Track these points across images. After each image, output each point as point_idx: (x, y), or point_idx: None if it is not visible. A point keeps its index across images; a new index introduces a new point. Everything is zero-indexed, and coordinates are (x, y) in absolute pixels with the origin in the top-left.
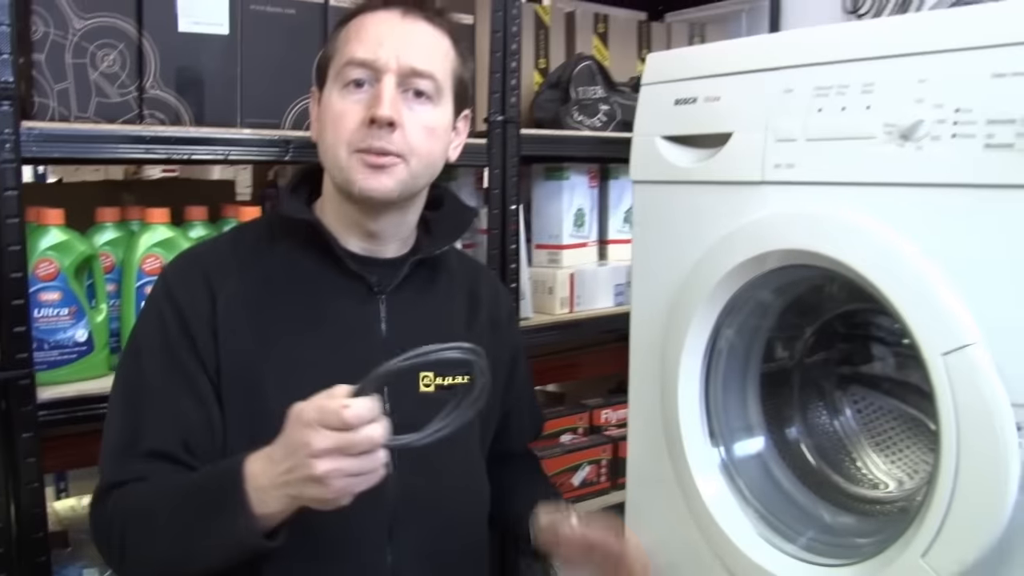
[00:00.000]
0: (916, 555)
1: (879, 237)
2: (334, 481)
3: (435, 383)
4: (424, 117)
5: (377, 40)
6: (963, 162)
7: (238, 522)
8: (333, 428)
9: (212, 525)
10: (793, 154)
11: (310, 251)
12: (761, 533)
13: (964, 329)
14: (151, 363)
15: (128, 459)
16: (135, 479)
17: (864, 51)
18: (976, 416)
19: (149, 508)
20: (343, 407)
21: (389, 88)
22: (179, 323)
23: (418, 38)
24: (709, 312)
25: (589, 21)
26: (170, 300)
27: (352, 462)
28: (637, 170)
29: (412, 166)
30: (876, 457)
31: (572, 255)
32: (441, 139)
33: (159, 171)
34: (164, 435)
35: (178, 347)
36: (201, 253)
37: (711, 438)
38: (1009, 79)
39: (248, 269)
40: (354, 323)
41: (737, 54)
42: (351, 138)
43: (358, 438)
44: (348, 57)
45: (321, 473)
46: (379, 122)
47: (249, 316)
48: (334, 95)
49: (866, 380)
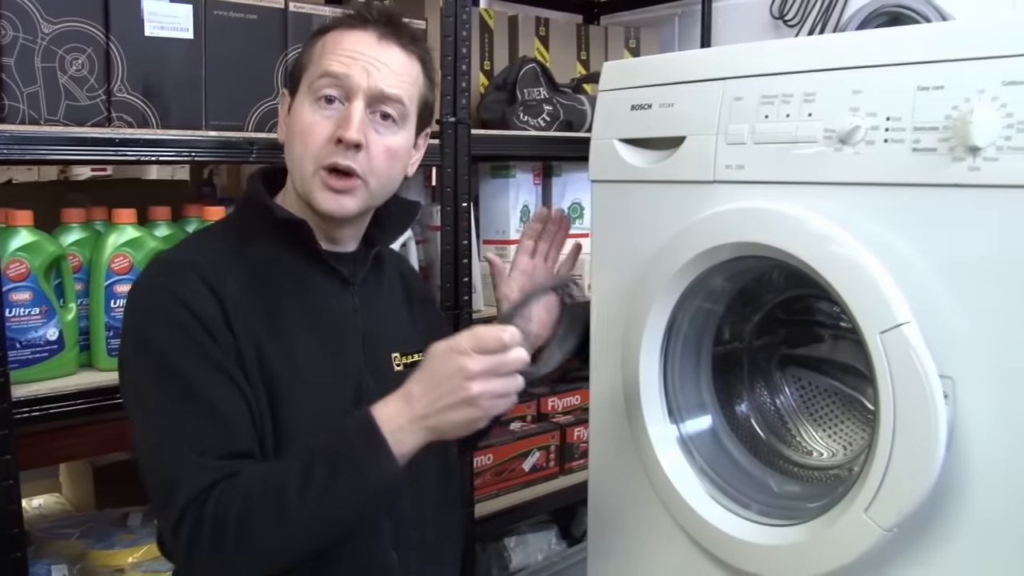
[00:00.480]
0: (860, 510)
1: (821, 230)
2: (485, 401)
3: (403, 362)
4: (388, 140)
5: (352, 59)
6: (894, 164)
7: (385, 467)
8: (489, 352)
9: (355, 478)
10: (742, 156)
11: (287, 248)
12: (717, 500)
13: (898, 310)
14: (194, 371)
15: (209, 463)
16: (226, 476)
17: (806, 64)
18: (910, 386)
19: (274, 486)
20: (503, 331)
21: (358, 110)
22: (200, 326)
23: (391, 63)
24: (666, 300)
25: (531, 24)
26: (183, 305)
27: (501, 383)
28: (596, 170)
29: (372, 187)
30: (815, 431)
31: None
32: (401, 160)
33: (88, 171)
34: (235, 434)
35: (211, 349)
36: (185, 259)
37: (669, 415)
38: (932, 92)
39: (237, 270)
40: (338, 314)
41: (690, 64)
42: (318, 153)
43: (509, 358)
44: (322, 70)
45: (476, 393)
46: (346, 143)
47: (254, 315)
48: (305, 106)
49: (807, 361)
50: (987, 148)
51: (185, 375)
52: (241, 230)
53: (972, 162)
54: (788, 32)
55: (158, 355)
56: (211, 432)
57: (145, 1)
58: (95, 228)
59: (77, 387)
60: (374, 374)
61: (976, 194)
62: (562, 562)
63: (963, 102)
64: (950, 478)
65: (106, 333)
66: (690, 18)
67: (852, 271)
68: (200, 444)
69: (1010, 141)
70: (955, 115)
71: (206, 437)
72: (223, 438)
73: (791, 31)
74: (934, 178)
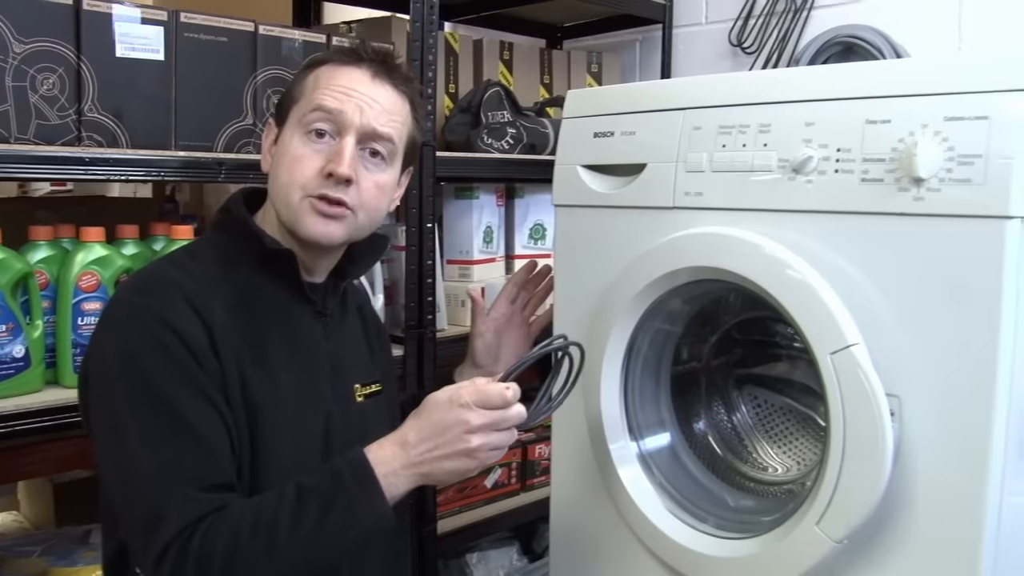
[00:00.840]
0: (812, 523)
1: (775, 255)
2: (482, 453)
3: (363, 393)
4: (377, 177)
5: (345, 95)
6: (844, 193)
7: (377, 509)
8: (491, 407)
9: (347, 518)
10: (701, 183)
11: (269, 276)
12: (675, 514)
13: (848, 332)
14: (179, 396)
15: (196, 495)
16: (214, 510)
17: (762, 97)
18: (859, 404)
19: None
20: (506, 388)
21: (350, 147)
22: (186, 350)
23: (383, 101)
24: (626, 321)
25: (495, 49)
26: (169, 328)
27: (498, 437)
28: (559, 195)
29: (360, 219)
30: (770, 448)
31: (482, 270)
32: (388, 195)
33: (47, 187)
34: (220, 465)
35: (196, 374)
36: (172, 280)
37: (629, 432)
38: (879, 125)
39: (224, 294)
40: (312, 344)
41: (651, 94)
42: (306, 184)
43: (511, 414)
44: (315, 104)
45: (476, 446)
46: (337, 178)
47: (241, 342)
48: (295, 138)
49: (762, 380)
50: (930, 179)
51: (170, 400)
52: (226, 254)
53: (916, 192)
54: (746, 59)
55: (142, 377)
56: (197, 461)
57: (117, 22)
58: (62, 246)
59: (43, 404)
60: (339, 404)
61: (920, 223)
62: None
63: (908, 135)
64: (897, 491)
65: (73, 350)
66: (651, 44)
67: (804, 294)
68: (186, 474)
69: (951, 173)
70: (901, 148)
71: (192, 467)
72: (208, 468)
73: (749, 58)
74: (881, 207)
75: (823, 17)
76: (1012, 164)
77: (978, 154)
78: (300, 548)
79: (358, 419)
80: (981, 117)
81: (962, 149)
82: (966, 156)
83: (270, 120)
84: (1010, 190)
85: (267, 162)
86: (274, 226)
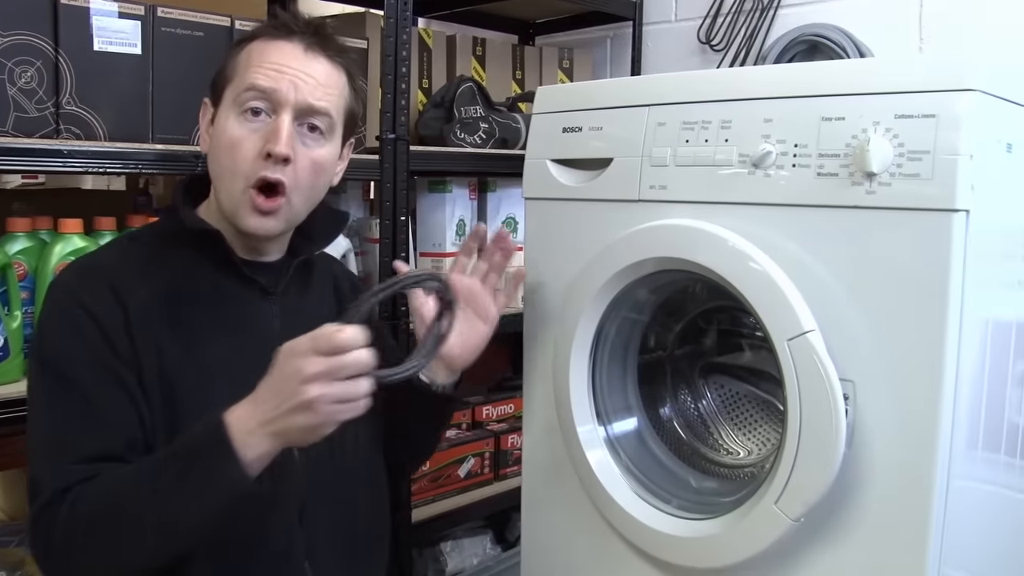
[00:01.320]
0: (770, 503)
1: (735, 245)
2: (323, 406)
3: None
4: (315, 153)
5: (278, 72)
6: (801, 187)
7: (230, 470)
8: (324, 353)
9: (203, 482)
10: (665, 177)
11: (206, 258)
12: (641, 496)
13: (804, 319)
14: (79, 371)
15: (72, 464)
16: (84, 479)
17: (723, 94)
18: (814, 389)
19: (124, 488)
20: (335, 331)
21: (286, 124)
22: (97, 330)
23: (318, 75)
24: (594, 311)
25: (468, 45)
26: (82, 308)
27: (340, 387)
28: (529, 188)
29: (295, 203)
30: (733, 433)
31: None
32: (327, 172)
33: (19, 179)
34: (106, 438)
35: (102, 351)
36: (99, 264)
37: (597, 417)
38: (834, 122)
39: (151, 278)
40: (254, 324)
41: (617, 91)
42: (247, 169)
43: (347, 361)
44: (248, 83)
45: (312, 397)
46: (275, 157)
47: (161, 323)
48: (231, 119)
49: (726, 368)
50: (882, 174)
51: (69, 375)
52: (163, 238)
53: (869, 186)
54: (714, 57)
55: (50, 353)
56: (81, 434)
57: (94, 16)
58: (40, 237)
59: (21, 394)
60: None
61: (872, 215)
62: (496, 566)
63: (861, 132)
64: (851, 472)
65: None
66: (622, 40)
67: (763, 283)
68: (68, 445)
69: (901, 168)
70: (854, 144)
71: (76, 439)
72: (92, 441)
73: (717, 56)
74: (836, 200)
75: (789, 16)
76: (958, 160)
77: (926, 150)
78: (156, 515)
79: None
80: (929, 115)
81: (911, 145)
82: (915, 152)
83: (205, 100)
84: (956, 184)
85: (205, 143)
86: (216, 208)
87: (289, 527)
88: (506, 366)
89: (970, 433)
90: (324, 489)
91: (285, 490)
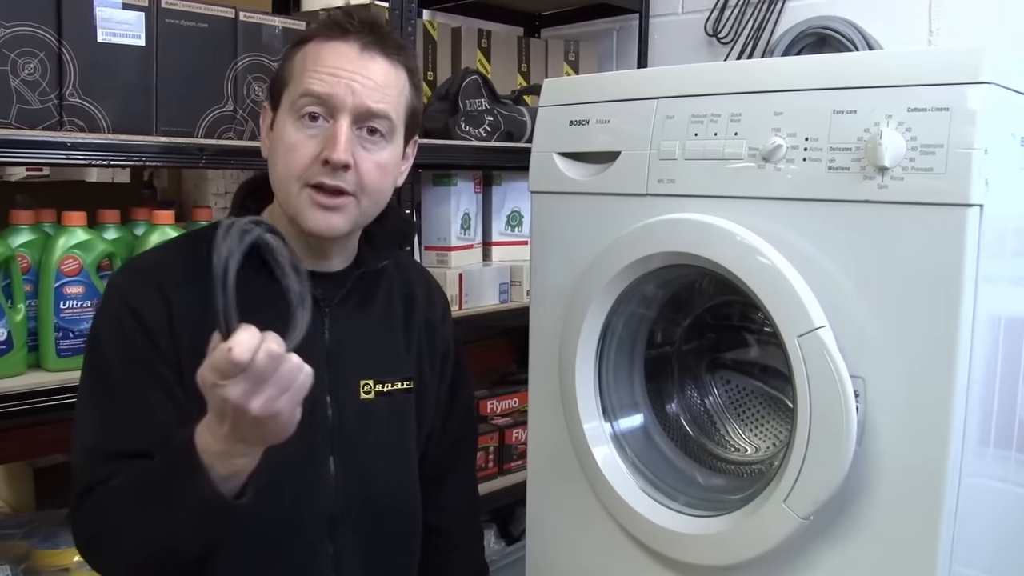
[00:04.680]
0: (779, 501)
1: (745, 240)
2: (273, 409)
3: (375, 390)
4: (377, 156)
5: (334, 76)
6: (811, 181)
7: (199, 485)
8: (233, 375)
9: (175, 496)
10: (673, 171)
11: (259, 265)
12: (648, 493)
13: (814, 315)
14: (119, 367)
15: (103, 460)
16: (103, 480)
17: (733, 87)
18: (825, 385)
19: (118, 498)
20: (228, 351)
21: (344, 130)
22: (140, 328)
23: (375, 76)
24: (602, 305)
25: (473, 37)
26: (127, 309)
27: (272, 388)
28: (536, 182)
29: (363, 204)
30: (741, 429)
31: (459, 256)
32: (391, 174)
33: (23, 171)
34: (139, 434)
35: (143, 349)
36: (152, 265)
37: (603, 413)
38: (845, 115)
39: (199, 281)
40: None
41: (625, 83)
42: (303, 174)
43: (259, 367)
44: (304, 89)
45: (257, 413)
46: (334, 165)
47: (204, 326)
48: (288, 125)
49: (734, 364)
50: (894, 168)
51: (109, 373)
52: None
53: (881, 180)
54: (721, 49)
55: (97, 349)
56: (117, 430)
57: (98, 7)
58: (44, 230)
59: (25, 387)
60: (335, 398)
61: (884, 210)
62: (501, 560)
63: (873, 125)
64: (861, 469)
65: (55, 334)
66: (628, 33)
67: (772, 279)
68: (103, 442)
69: (914, 162)
70: (866, 137)
71: (111, 435)
72: (123, 437)
73: (724, 48)
74: (847, 194)
75: (797, 8)
76: (972, 154)
77: (939, 144)
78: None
79: (356, 415)
80: (942, 108)
81: (924, 139)
82: (928, 146)
83: (265, 104)
84: (970, 179)
85: (265, 147)
86: (280, 214)
87: (319, 540)
88: (510, 360)
89: (981, 430)
90: (356, 503)
91: (316, 503)
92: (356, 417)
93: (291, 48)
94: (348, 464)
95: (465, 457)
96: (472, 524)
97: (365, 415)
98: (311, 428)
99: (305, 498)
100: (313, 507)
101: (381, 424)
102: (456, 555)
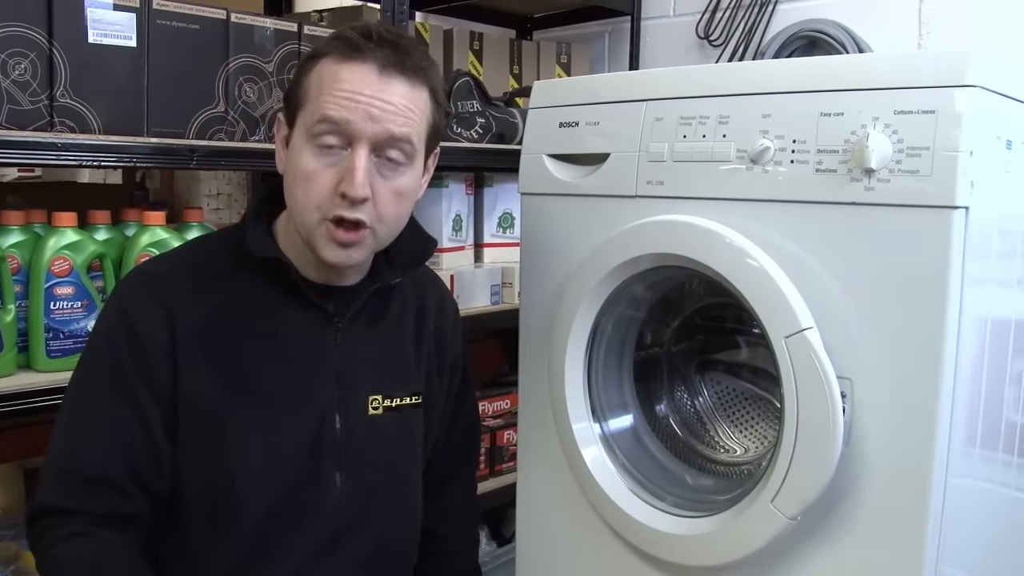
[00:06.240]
0: (766, 501)
1: (733, 242)
2: None
3: (383, 405)
4: (395, 183)
5: (352, 100)
6: (799, 183)
7: None
8: None
9: None
10: (662, 173)
11: (271, 280)
12: (637, 493)
13: (801, 316)
14: (100, 387)
15: (67, 482)
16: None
17: (721, 89)
18: (812, 387)
19: None
20: None
21: (362, 162)
22: (133, 350)
23: (395, 100)
24: (591, 306)
25: (465, 39)
26: (125, 325)
27: None
28: (526, 183)
29: (380, 234)
30: (730, 430)
31: (451, 258)
32: (411, 199)
33: (15, 172)
34: (107, 461)
35: (128, 374)
36: (159, 276)
37: (592, 414)
38: (833, 118)
39: (208, 296)
40: (309, 351)
41: (615, 86)
42: (322, 204)
43: None
44: (321, 114)
45: None
46: (352, 200)
47: (210, 346)
48: (305, 151)
49: (723, 365)
50: (880, 170)
51: (91, 391)
52: (232, 250)
53: (868, 183)
54: (713, 52)
55: (87, 362)
56: (85, 450)
57: (89, 8)
58: (34, 231)
59: (15, 388)
60: (343, 413)
61: (871, 212)
62: (492, 561)
63: (860, 128)
64: (848, 470)
65: (45, 335)
66: (620, 35)
67: (760, 280)
68: (70, 461)
69: (900, 164)
70: (853, 139)
71: (78, 452)
72: (95, 459)
73: (715, 51)
74: (834, 196)
75: (788, 11)
76: (957, 156)
77: (925, 146)
78: None
79: (364, 431)
80: (928, 111)
81: (911, 142)
82: (914, 148)
83: (280, 117)
84: (955, 181)
85: (280, 163)
86: (297, 239)
87: (319, 555)
88: (501, 362)
89: (968, 431)
90: (359, 518)
91: (320, 517)
92: (364, 432)
93: (306, 61)
94: (354, 480)
95: (468, 464)
96: (470, 530)
97: (373, 430)
98: (319, 444)
99: (311, 513)
100: (317, 521)
101: (388, 439)
102: (453, 560)
